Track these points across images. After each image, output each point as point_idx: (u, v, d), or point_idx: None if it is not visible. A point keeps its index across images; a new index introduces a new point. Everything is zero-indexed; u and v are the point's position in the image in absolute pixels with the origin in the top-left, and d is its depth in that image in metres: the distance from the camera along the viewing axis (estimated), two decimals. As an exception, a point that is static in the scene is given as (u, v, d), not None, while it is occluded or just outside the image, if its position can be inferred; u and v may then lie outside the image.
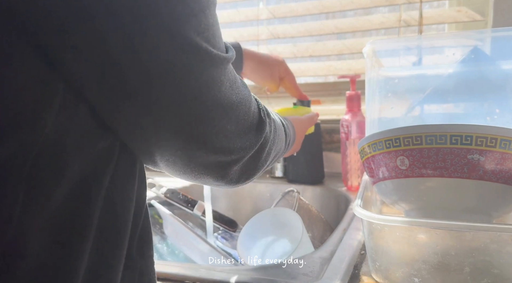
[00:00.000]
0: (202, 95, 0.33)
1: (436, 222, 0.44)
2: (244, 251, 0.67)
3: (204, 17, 0.31)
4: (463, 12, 0.92)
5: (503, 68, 0.62)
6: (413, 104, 0.67)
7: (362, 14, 1.05)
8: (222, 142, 0.37)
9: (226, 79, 0.35)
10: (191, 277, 0.52)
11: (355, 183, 0.90)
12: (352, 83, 0.90)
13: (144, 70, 0.29)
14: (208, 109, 0.34)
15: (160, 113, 0.32)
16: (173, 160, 0.37)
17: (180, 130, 0.34)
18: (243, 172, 0.43)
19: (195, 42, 0.31)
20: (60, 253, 0.30)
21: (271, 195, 0.94)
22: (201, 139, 0.35)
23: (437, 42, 0.71)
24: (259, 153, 0.43)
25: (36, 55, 0.27)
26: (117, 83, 0.30)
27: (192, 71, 0.31)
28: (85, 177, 0.31)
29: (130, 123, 0.32)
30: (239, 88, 0.38)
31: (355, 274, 0.51)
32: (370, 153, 0.52)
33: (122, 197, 0.35)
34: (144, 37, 0.28)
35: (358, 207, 0.48)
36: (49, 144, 0.29)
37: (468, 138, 0.44)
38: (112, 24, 0.27)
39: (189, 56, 0.31)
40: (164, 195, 0.85)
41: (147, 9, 0.28)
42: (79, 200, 0.31)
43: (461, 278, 0.44)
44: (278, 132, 0.49)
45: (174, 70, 0.30)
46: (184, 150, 0.36)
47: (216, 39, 0.34)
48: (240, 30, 1.14)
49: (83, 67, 0.28)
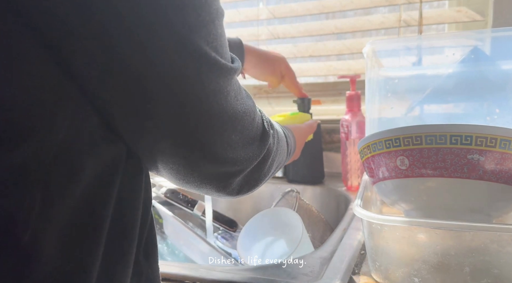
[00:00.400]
0: (209, 104, 0.33)
1: (436, 222, 0.44)
2: (244, 251, 0.67)
3: (213, 27, 0.32)
4: (463, 12, 0.93)
5: (503, 68, 0.62)
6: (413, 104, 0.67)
7: (362, 14, 1.05)
8: (227, 152, 0.37)
9: (231, 89, 0.35)
10: (191, 277, 0.52)
11: (355, 183, 0.90)
12: (352, 83, 0.90)
13: (157, 77, 0.30)
14: (213, 118, 0.34)
15: (166, 120, 0.32)
16: (177, 169, 0.37)
17: (185, 138, 0.34)
18: (245, 183, 0.43)
19: (204, 51, 0.31)
20: (75, 258, 0.30)
21: (271, 195, 0.94)
22: (206, 148, 0.35)
23: (437, 42, 0.71)
24: (262, 164, 0.43)
25: (49, 59, 0.27)
26: (127, 89, 0.30)
27: (200, 80, 0.32)
28: (97, 182, 0.31)
29: (137, 129, 0.33)
30: (243, 99, 0.38)
31: (355, 274, 0.52)
32: (370, 153, 0.52)
33: (131, 201, 0.35)
34: (156, 46, 0.29)
35: (358, 207, 0.48)
36: (64, 149, 0.29)
37: (468, 138, 0.44)
38: (122, 33, 0.27)
39: (199, 65, 0.31)
40: (164, 195, 0.85)
41: (159, 18, 0.28)
42: (91, 205, 0.31)
43: (461, 278, 0.44)
44: (281, 143, 0.49)
45: (184, 78, 0.31)
46: (188, 159, 0.36)
47: (224, 49, 0.34)
48: (240, 30, 1.14)
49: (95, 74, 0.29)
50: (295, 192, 0.81)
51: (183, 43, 0.30)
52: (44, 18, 0.26)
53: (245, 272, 0.52)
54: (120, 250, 0.34)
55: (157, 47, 0.29)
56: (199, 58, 0.31)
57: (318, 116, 1.06)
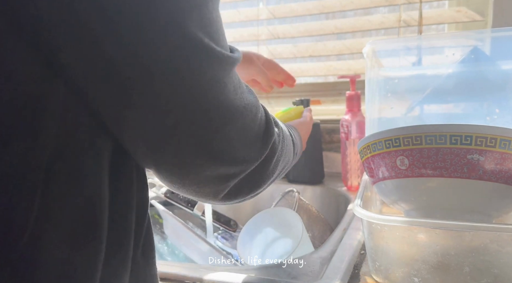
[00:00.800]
0: (203, 97, 0.30)
1: (436, 222, 0.44)
2: (244, 251, 0.67)
3: (207, 11, 0.29)
4: (462, 12, 0.93)
5: (503, 68, 0.62)
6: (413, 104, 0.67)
7: (362, 14, 1.05)
8: (224, 150, 0.34)
9: (229, 82, 0.33)
10: (191, 277, 0.52)
11: (355, 183, 0.90)
12: (352, 83, 0.90)
13: (141, 67, 0.27)
14: (208, 112, 0.31)
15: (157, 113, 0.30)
16: (170, 170, 0.34)
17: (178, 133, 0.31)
18: (245, 185, 0.39)
19: (196, 36, 0.28)
20: (77, 261, 0.29)
21: (271, 195, 0.94)
22: (201, 145, 0.33)
23: (437, 42, 0.71)
24: (265, 165, 0.40)
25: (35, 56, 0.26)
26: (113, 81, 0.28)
27: (192, 68, 0.29)
28: (94, 182, 0.30)
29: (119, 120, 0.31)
30: (244, 94, 0.35)
31: (355, 274, 0.52)
32: (370, 153, 0.52)
33: (126, 201, 0.34)
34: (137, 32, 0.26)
35: (358, 207, 0.48)
36: (60, 149, 0.28)
37: (468, 138, 0.44)
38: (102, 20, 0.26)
39: (190, 51, 0.28)
40: (164, 195, 0.85)
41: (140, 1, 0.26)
42: (91, 204, 0.30)
43: (461, 278, 0.44)
44: (286, 142, 0.46)
45: (172, 67, 0.28)
46: (180, 157, 0.33)
47: (220, 36, 0.32)
48: (240, 30, 1.14)
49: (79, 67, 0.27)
50: (295, 192, 0.81)
51: (171, 27, 0.27)
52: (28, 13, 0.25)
53: (245, 272, 0.52)
54: (118, 250, 0.33)
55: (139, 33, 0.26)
56: (189, 43, 0.28)
57: (318, 116, 1.06)
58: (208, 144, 0.33)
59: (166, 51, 0.28)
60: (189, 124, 0.31)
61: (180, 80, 0.29)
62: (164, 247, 0.79)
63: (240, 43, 1.16)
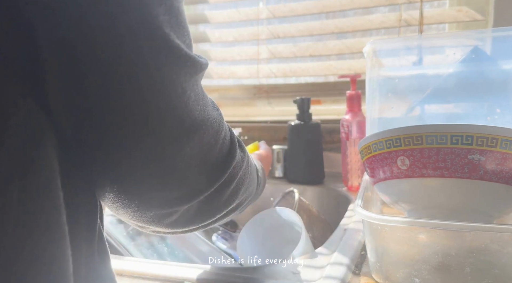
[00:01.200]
0: (154, 98, 0.26)
1: (436, 222, 0.44)
2: (244, 251, 0.67)
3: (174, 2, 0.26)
4: (463, 11, 0.92)
5: (504, 68, 0.62)
6: (413, 104, 0.67)
7: (362, 14, 1.05)
8: (175, 168, 0.29)
9: (190, 89, 0.29)
10: (191, 277, 0.52)
11: (355, 183, 0.90)
12: (353, 83, 0.90)
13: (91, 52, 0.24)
14: (160, 118, 0.27)
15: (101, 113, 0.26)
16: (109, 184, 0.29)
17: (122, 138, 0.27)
18: (195, 213, 0.35)
19: (152, 22, 0.25)
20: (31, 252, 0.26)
21: (271, 195, 0.94)
22: (147, 157, 0.28)
23: (437, 42, 0.71)
24: (221, 191, 0.35)
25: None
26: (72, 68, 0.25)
27: (143, 61, 0.25)
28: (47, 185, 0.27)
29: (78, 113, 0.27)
30: (207, 107, 0.31)
31: (355, 274, 0.51)
32: (371, 153, 0.52)
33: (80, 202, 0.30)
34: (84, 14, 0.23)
35: (358, 207, 0.48)
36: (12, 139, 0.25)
37: (469, 138, 0.44)
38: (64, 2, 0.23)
39: (144, 40, 0.25)
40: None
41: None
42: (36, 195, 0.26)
43: (461, 279, 0.43)
44: (251, 170, 0.41)
45: (122, 56, 0.24)
46: (120, 169, 0.28)
47: (183, 31, 0.28)
48: (240, 29, 1.14)
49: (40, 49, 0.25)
50: (295, 192, 0.81)
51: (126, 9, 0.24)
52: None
53: (245, 272, 0.52)
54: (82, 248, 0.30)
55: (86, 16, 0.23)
56: (144, 30, 0.24)
57: (318, 116, 1.06)
58: (156, 154, 0.28)
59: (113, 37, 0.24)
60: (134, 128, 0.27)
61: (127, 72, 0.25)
62: (164, 247, 0.79)
63: (240, 42, 1.16)
